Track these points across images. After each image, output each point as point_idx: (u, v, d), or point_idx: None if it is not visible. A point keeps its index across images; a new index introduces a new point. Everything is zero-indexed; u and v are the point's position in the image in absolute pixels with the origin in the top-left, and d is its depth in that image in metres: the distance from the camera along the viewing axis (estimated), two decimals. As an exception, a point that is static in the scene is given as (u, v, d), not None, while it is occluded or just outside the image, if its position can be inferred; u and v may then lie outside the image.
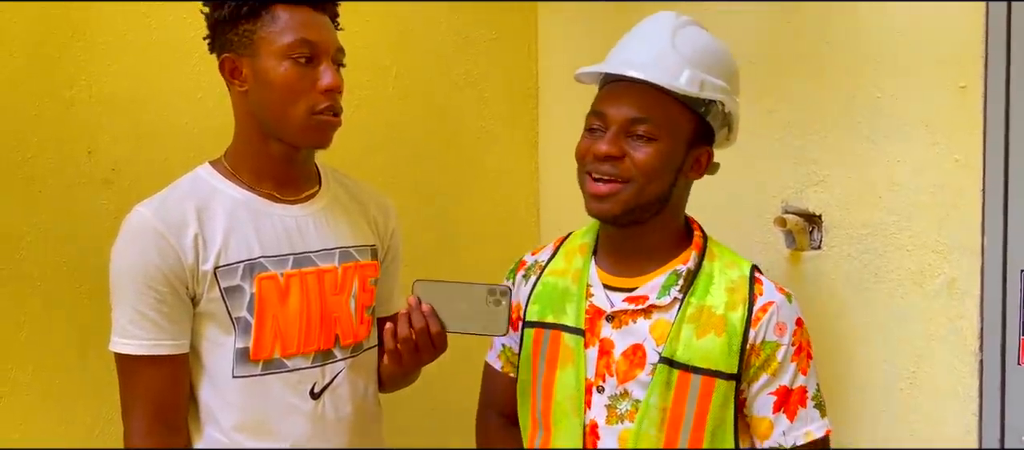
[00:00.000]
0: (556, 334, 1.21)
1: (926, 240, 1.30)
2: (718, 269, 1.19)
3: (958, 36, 1.24)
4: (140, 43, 1.54)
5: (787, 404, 1.16)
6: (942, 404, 1.29)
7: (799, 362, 1.17)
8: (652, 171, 1.13)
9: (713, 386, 1.14)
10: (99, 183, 1.51)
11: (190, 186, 1.20)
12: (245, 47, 1.17)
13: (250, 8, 1.15)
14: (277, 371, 1.19)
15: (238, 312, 1.17)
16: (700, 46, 1.16)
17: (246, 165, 1.22)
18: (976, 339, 1.25)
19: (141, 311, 1.14)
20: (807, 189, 1.44)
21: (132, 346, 1.14)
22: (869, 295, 1.37)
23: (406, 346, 1.14)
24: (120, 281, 1.15)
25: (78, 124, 1.49)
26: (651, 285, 1.18)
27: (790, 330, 1.16)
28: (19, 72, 1.44)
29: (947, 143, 1.27)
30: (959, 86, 1.24)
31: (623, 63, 1.16)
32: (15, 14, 1.43)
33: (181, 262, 1.14)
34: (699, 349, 1.14)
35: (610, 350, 1.17)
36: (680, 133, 1.15)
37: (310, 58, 1.16)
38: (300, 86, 1.15)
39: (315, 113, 1.17)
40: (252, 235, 1.19)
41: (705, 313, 1.16)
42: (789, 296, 1.19)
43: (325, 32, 1.18)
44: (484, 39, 1.92)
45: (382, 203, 1.36)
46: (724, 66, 1.18)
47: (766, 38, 1.51)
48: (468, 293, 1.13)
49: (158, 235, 1.14)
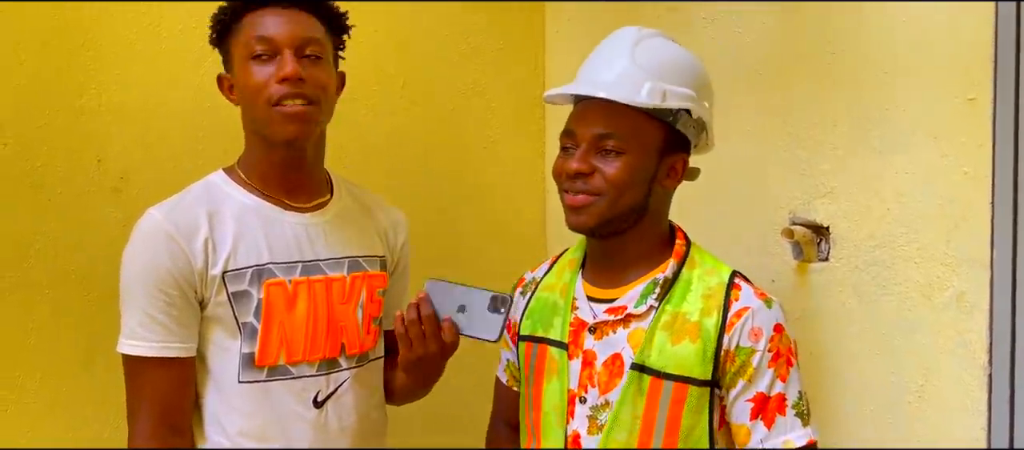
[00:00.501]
0: (543, 347, 1.24)
1: (934, 252, 1.29)
2: (697, 276, 1.20)
3: (967, 48, 1.23)
4: (149, 52, 1.55)
5: (764, 411, 1.15)
6: (951, 417, 1.28)
7: (777, 368, 1.15)
8: (622, 183, 1.15)
9: (685, 392, 1.14)
10: (108, 191, 1.52)
11: (202, 191, 1.22)
12: (229, 63, 1.22)
13: (222, 26, 1.20)
14: (282, 378, 1.19)
15: (245, 317, 1.18)
16: (662, 57, 1.18)
17: (255, 172, 1.23)
18: (985, 353, 1.24)
19: (150, 313, 1.14)
20: (814, 200, 1.44)
21: (141, 348, 1.15)
22: (877, 307, 1.36)
23: (413, 329, 1.15)
24: (130, 283, 1.16)
25: (87, 133, 1.50)
26: (630, 295, 1.20)
27: (766, 336, 1.15)
28: (29, 81, 1.45)
29: (956, 155, 1.26)
30: (968, 98, 1.24)
31: (586, 83, 1.20)
32: (25, 23, 1.44)
33: (191, 266, 1.15)
34: (673, 355, 1.15)
35: (593, 361, 1.19)
36: (649, 144, 1.17)
37: (269, 54, 1.17)
38: (257, 81, 1.16)
39: (273, 104, 1.16)
40: (262, 241, 1.19)
41: (679, 320, 1.16)
42: (769, 301, 1.18)
43: (286, 26, 1.18)
44: (491, 48, 1.92)
45: (393, 216, 1.37)
46: (688, 74, 1.19)
47: (773, 49, 1.51)
48: (472, 296, 1.15)
49: (169, 238, 1.15)
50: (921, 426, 1.32)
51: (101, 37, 1.51)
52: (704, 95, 1.22)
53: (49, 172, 1.47)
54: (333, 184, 1.30)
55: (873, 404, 1.38)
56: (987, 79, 1.21)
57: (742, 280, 1.20)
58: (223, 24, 1.20)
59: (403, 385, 1.31)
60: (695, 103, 1.19)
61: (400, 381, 1.30)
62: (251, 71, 1.17)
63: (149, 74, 1.55)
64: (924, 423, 1.32)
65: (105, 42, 1.51)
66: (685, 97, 1.17)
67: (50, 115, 1.47)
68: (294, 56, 1.16)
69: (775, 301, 1.19)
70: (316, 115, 1.19)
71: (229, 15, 1.20)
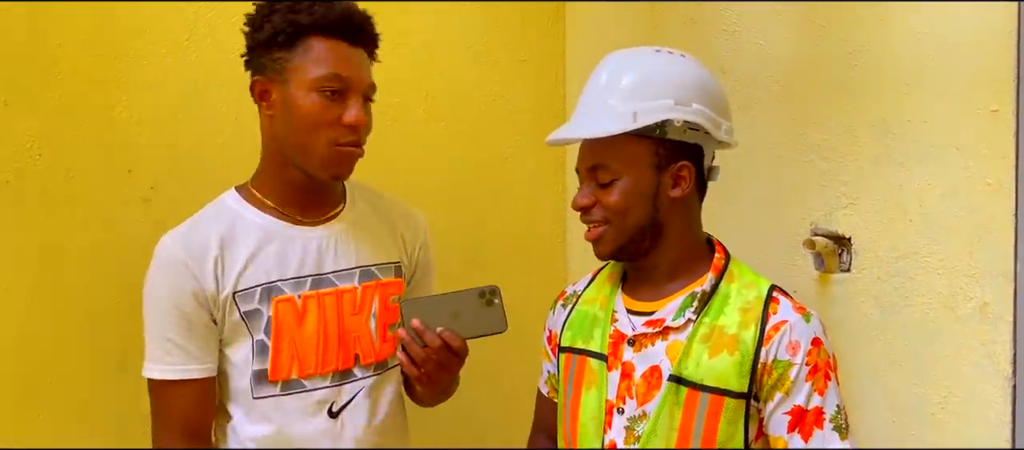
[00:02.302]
0: (582, 359, 1.25)
1: (957, 264, 1.29)
2: (735, 290, 1.20)
3: (989, 59, 1.23)
4: (179, 64, 1.58)
5: (802, 424, 1.15)
6: (974, 429, 1.28)
7: (815, 381, 1.15)
8: (622, 208, 1.18)
9: (722, 405, 1.15)
10: (139, 201, 1.55)
11: (214, 214, 1.23)
12: (277, 73, 1.18)
13: (287, 37, 1.16)
14: (295, 391, 1.21)
15: (257, 334, 1.20)
16: (634, 78, 1.18)
17: (270, 189, 1.24)
18: (1009, 363, 1.24)
19: (170, 338, 1.18)
20: (836, 211, 1.44)
21: (163, 371, 1.18)
22: (899, 318, 1.36)
23: (427, 366, 1.14)
24: (149, 309, 1.20)
25: (119, 143, 1.53)
26: (668, 308, 1.20)
27: (804, 350, 1.15)
28: (63, 92, 1.49)
29: (978, 166, 1.26)
30: (991, 109, 1.24)
31: (565, 128, 1.22)
32: (60, 37, 1.48)
33: (203, 289, 1.18)
34: (710, 368, 1.15)
35: (631, 373, 1.20)
36: (641, 162, 1.18)
37: (339, 92, 1.17)
38: (324, 119, 1.17)
39: (337, 146, 1.18)
40: (272, 259, 1.21)
41: (716, 332, 1.17)
42: (808, 315, 1.18)
43: (358, 68, 1.19)
44: (512, 57, 1.94)
45: (411, 217, 1.37)
46: (663, 84, 1.17)
47: (795, 61, 1.51)
48: (458, 300, 1.13)
49: (181, 264, 1.17)
50: (945, 437, 1.32)
51: (132, 49, 1.54)
52: (690, 96, 1.18)
53: (82, 182, 1.51)
54: (347, 193, 1.31)
55: (896, 415, 1.38)
56: (1010, 90, 1.21)
57: (781, 294, 1.21)
58: (284, 34, 1.16)
59: (422, 395, 1.32)
60: (676, 109, 1.16)
61: (419, 391, 1.31)
62: (317, 105, 1.16)
63: (179, 85, 1.58)
64: (948, 434, 1.31)
65: (136, 54, 1.54)
66: (661, 108, 1.16)
67: (83, 126, 1.51)
68: (361, 100, 1.19)
69: (813, 315, 1.19)
70: (361, 156, 1.22)
71: (294, 28, 1.16)
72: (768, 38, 1.55)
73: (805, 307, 1.20)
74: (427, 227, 1.40)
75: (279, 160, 1.22)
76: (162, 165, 1.57)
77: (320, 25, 1.16)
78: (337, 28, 1.17)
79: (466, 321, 1.13)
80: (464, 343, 1.14)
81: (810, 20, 1.48)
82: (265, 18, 1.18)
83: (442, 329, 1.12)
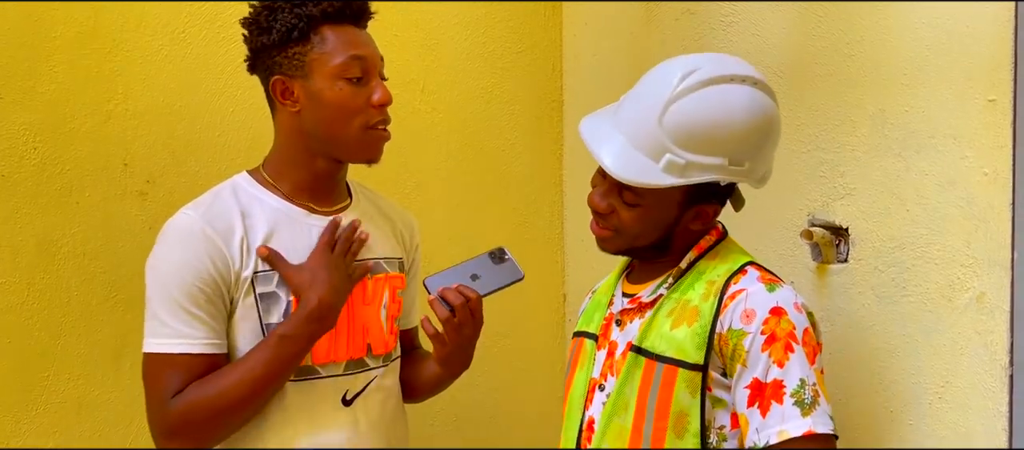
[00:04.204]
0: (581, 341, 1.28)
1: (955, 254, 1.29)
2: (712, 266, 1.19)
3: (987, 50, 1.23)
4: (175, 57, 1.57)
5: (761, 398, 1.09)
6: (971, 418, 1.28)
7: (772, 351, 1.09)
8: (636, 231, 1.18)
9: (676, 375, 1.13)
10: (134, 195, 1.55)
11: (232, 193, 1.23)
12: (296, 69, 1.18)
13: (300, 31, 1.17)
14: (310, 377, 1.21)
15: (271, 319, 1.19)
16: (694, 122, 1.10)
17: (287, 178, 1.24)
18: (1006, 354, 1.24)
19: (190, 310, 1.14)
20: (834, 202, 1.44)
21: (181, 345, 1.14)
22: (897, 309, 1.36)
23: (449, 326, 1.18)
24: (165, 281, 1.15)
25: (114, 137, 1.53)
26: (650, 286, 1.22)
27: (760, 318, 1.10)
28: (58, 86, 1.48)
29: (976, 157, 1.26)
30: (988, 99, 1.24)
31: (599, 141, 1.14)
32: (54, 30, 1.47)
33: (229, 266, 1.16)
34: (671, 339, 1.14)
35: (614, 351, 1.21)
36: (668, 200, 1.16)
37: (361, 76, 1.19)
38: (355, 104, 1.19)
39: (370, 128, 1.20)
40: (289, 244, 1.21)
41: (681, 305, 1.16)
42: (772, 285, 1.13)
43: (371, 47, 1.22)
44: (510, 52, 1.94)
45: (407, 219, 1.40)
46: (725, 140, 1.11)
47: (793, 51, 1.51)
48: (474, 266, 1.23)
49: (208, 238, 1.16)
50: (942, 427, 1.32)
51: (128, 43, 1.54)
52: (745, 154, 1.12)
53: (77, 176, 1.50)
54: (351, 189, 1.32)
55: (893, 405, 1.38)
56: (1007, 81, 1.21)
57: (755, 268, 1.18)
58: (296, 29, 1.16)
59: (435, 379, 1.32)
60: (726, 170, 1.11)
61: (432, 376, 1.31)
62: (345, 91, 1.18)
63: (175, 79, 1.58)
64: (945, 424, 1.32)
65: (132, 48, 1.54)
66: (712, 168, 1.11)
67: (78, 120, 1.50)
68: (380, 79, 1.21)
69: (783, 286, 1.14)
70: (389, 138, 1.24)
71: (305, 21, 1.16)
72: (765, 29, 1.55)
73: (777, 278, 1.16)
74: (420, 230, 1.41)
75: (304, 152, 1.22)
76: (158, 159, 1.56)
77: (329, 13, 1.18)
78: (344, 14, 1.20)
79: (486, 280, 1.22)
80: (479, 297, 1.20)
81: (808, 11, 1.48)
82: (270, 18, 1.18)
83: (458, 285, 1.18)
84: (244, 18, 1.21)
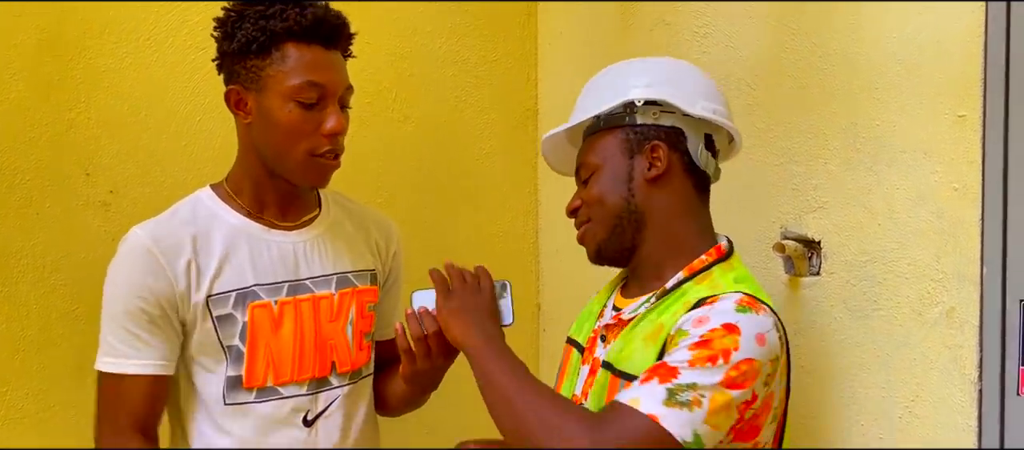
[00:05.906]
0: (570, 348, 1.28)
1: (925, 268, 1.29)
2: (697, 291, 1.13)
3: (957, 65, 1.24)
4: (139, 66, 1.55)
5: (647, 373, 1.03)
6: (940, 433, 1.29)
7: (696, 353, 1.01)
8: (597, 197, 1.19)
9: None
10: (97, 205, 1.51)
11: (190, 212, 1.20)
12: (252, 82, 1.16)
13: (260, 45, 1.13)
14: (270, 398, 1.19)
15: (229, 341, 1.17)
16: (600, 80, 1.24)
17: (246, 192, 1.22)
18: (975, 368, 1.25)
19: (132, 331, 1.14)
20: (806, 215, 1.44)
21: (121, 365, 1.14)
22: (868, 322, 1.37)
23: (420, 347, 1.14)
24: (111, 299, 1.16)
25: (76, 146, 1.50)
26: (636, 303, 1.20)
27: (709, 327, 1.03)
28: (19, 94, 1.45)
29: (946, 171, 1.27)
30: (958, 115, 1.24)
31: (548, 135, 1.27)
32: (16, 37, 1.44)
33: (172, 286, 1.15)
34: (641, 357, 1.11)
35: (596, 370, 1.20)
36: (612, 151, 1.19)
37: (316, 101, 1.15)
38: (303, 129, 1.15)
39: (315, 155, 1.17)
40: (247, 263, 1.19)
41: (656, 327, 1.14)
42: (745, 307, 1.06)
43: (334, 73, 1.17)
44: (485, 60, 1.92)
45: (384, 225, 1.36)
46: (628, 75, 1.21)
47: (766, 64, 1.51)
48: None
49: (152, 257, 1.14)
50: (912, 440, 1.32)
51: (91, 48, 1.50)
52: (657, 80, 1.19)
53: (38, 185, 1.47)
54: (321, 199, 1.30)
55: (864, 418, 1.38)
56: (977, 96, 1.22)
57: (742, 295, 1.10)
58: (257, 42, 1.13)
59: (402, 395, 1.30)
60: (640, 89, 1.17)
61: (399, 392, 1.30)
62: (294, 114, 1.14)
63: (139, 88, 1.55)
64: (915, 437, 1.32)
65: (95, 54, 1.51)
66: (622, 90, 1.18)
67: (40, 128, 1.47)
68: (338, 107, 1.17)
69: (761, 314, 1.07)
70: (337, 167, 1.21)
71: (267, 35, 1.13)
72: (739, 41, 1.55)
73: (758, 305, 1.09)
74: (399, 235, 1.38)
75: (258, 166, 1.20)
76: (121, 169, 1.53)
77: (294, 31, 1.13)
78: (312, 33, 1.15)
79: None
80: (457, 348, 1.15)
81: (782, 24, 1.48)
82: (236, 25, 1.15)
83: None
84: (217, 17, 1.18)
